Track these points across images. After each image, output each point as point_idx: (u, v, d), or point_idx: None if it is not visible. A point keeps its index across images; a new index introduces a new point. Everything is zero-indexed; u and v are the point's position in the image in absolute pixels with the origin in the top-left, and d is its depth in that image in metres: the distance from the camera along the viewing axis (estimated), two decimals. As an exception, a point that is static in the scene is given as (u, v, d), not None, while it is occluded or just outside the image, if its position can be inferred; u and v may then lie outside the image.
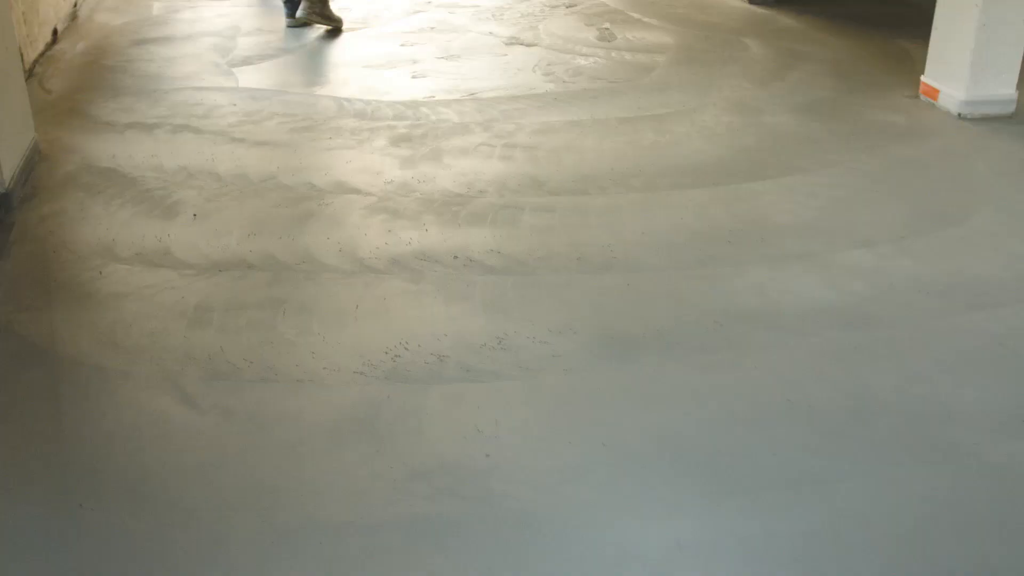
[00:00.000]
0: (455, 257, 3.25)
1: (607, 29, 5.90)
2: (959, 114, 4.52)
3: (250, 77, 5.05)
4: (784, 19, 6.16)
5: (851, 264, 3.25)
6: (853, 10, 6.39)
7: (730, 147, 4.20)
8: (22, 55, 4.56)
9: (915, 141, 4.29)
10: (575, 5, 6.43)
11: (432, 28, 6.01)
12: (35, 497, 2.21)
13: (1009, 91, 4.53)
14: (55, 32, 5.69)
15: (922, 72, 4.77)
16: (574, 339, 2.80)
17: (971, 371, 2.68)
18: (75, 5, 6.26)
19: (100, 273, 3.16)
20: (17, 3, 4.88)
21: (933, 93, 4.66)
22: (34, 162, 3.98)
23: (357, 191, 3.75)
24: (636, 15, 6.21)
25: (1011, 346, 2.80)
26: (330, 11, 5.89)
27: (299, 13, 5.83)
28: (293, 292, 3.05)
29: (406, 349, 2.75)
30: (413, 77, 5.07)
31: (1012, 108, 4.56)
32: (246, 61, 5.31)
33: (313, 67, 5.28)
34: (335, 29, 5.86)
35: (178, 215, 3.55)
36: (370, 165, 3.99)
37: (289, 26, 5.84)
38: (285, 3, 5.95)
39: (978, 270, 3.23)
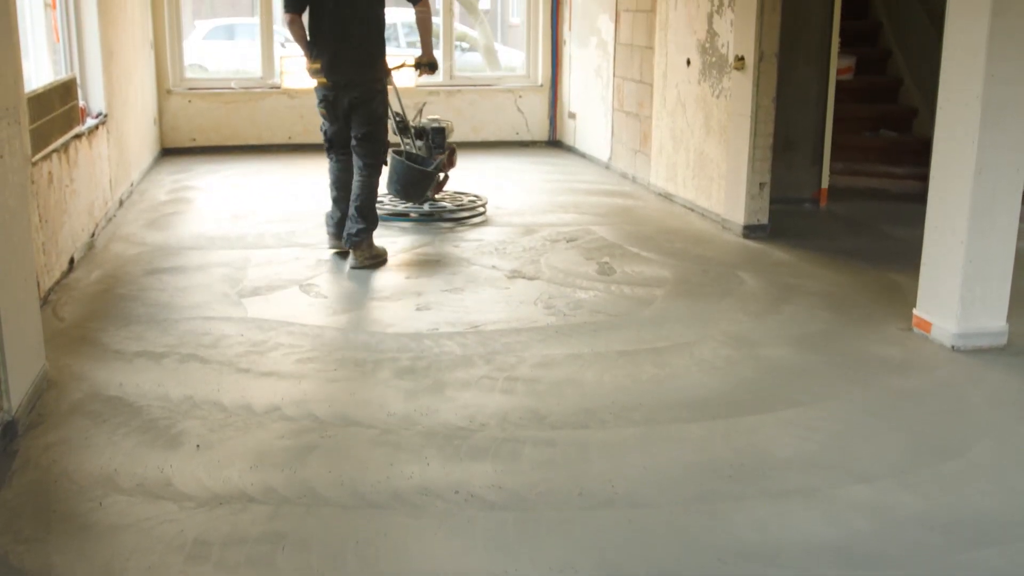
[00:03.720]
0: (456, 492, 3.25)
1: (607, 263, 6.08)
2: (952, 347, 4.61)
3: (258, 307, 5.17)
4: (777, 252, 6.36)
5: (852, 500, 3.24)
6: (843, 244, 6.61)
7: (729, 380, 4.26)
8: (39, 284, 4.69)
9: (911, 374, 4.36)
10: (575, 240, 6.65)
11: (437, 261, 6.19)
12: None
13: (1000, 323, 4.64)
14: (72, 261, 5.88)
15: (914, 305, 4.88)
16: (576, 578, 2.77)
17: (980, 613, 2.65)
18: (92, 235, 6.48)
19: (100, 504, 3.16)
20: (38, 234, 5.07)
21: (926, 326, 4.77)
22: (42, 389, 4.04)
23: (359, 424, 3.78)
24: (634, 249, 6.41)
25: (1019, 587, 2.77)
26: (376, 249, 6.06)
27: (352, 263, 5.94)
28: (293, 527, 3.03)
29: (405, 587, 2.71)
30: (417, 309, 5.19)
31: (1004, 340, 4.64)
32: (255, 292, 5.44)
33: (320, 298, 5.41)
34: (382, 264, 6.04)
35: (181, 445, 3.57)
36: (373, 397, 4.04)
37: (352, 267, 5.95)
38: (332, 232, 6.15)
39: (981, 505, 3.22)
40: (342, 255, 6.12)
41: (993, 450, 3.63)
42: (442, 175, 7.47)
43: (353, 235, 5.97)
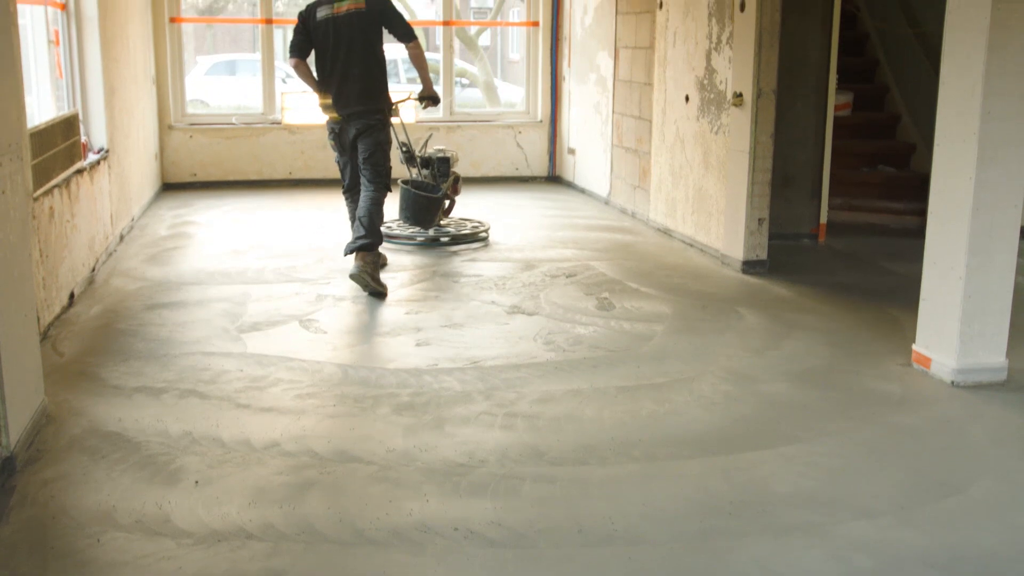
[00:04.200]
0: (455, 529, 3.24)
1: (606, 299, 6.09)
2: (952, 382, 4.60)
3: (258, 343, 5.17)
4: (776, 288, 6.37)
5: (854, 536, 3.23)
6: (842, 280, 6.62)
7: (728, 416, 4.26)
8: (38, 318, 4.69)
9: (911, 409, 4.36)
10: (575, 275, 6.66)
11: (436, 296, 6.20)
12: None
13: (999, 359, 4.64)
14: (72, 296, 5.88)
15: (913, 340, 4.89)
16: (575, 616, 2.76)
17: (982, 653, 2.63)
18: (93, 270, 6.49)
19: (98, 541, 3.15)
20: (38, 268, 5.08)
21: (925, 361, 4.77)
22: (41, 425, 4.03)
23: (359, 460, 3.77)
24: (634, 285, 6.42)
25: (1021, 626, 2.75)
26: (379, 279, 6.19)
27: (352, 269, 6.13)
28: (292, 564, 3.02)
29: (404, 626, 2.70)
30: (417, 345, 5.19)
31: (1004, 376, 4.64)
32: (255, 327, 5.44)
33: (319, 334, 5.41)
34: (379, 294, 6.08)
35: (180, 482, 3.56)
36: (372, 433, 4.03)
37: (351, 275, 6.12)
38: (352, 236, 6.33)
39: (983, 542, 3.21)
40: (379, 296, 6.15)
41: (994, 486, 3.62)
42: (447, 202, 7.78)
43: (352, 242, 6.25)
